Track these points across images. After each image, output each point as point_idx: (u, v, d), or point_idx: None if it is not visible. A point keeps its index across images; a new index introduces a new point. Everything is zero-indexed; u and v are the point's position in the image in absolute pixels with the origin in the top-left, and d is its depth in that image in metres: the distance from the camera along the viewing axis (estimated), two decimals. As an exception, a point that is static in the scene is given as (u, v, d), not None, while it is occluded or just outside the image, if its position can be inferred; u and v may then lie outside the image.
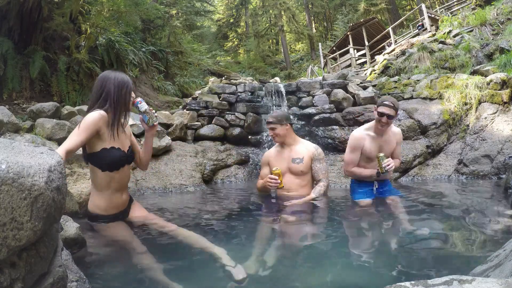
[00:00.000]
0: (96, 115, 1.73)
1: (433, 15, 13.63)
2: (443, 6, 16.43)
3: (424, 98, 5.56)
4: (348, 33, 17.24)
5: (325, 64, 17.62)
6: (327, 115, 5.57)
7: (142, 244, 1.70)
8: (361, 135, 2.76)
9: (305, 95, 6.04)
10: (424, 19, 13.00)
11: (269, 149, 3.08)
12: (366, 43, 15.37)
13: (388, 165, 2.55)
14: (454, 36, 9.66)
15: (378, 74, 10.11)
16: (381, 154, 2.58)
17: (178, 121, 5.24)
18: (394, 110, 2.61)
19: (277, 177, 2.49)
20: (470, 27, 9.92)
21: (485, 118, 4.81)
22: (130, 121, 4.38)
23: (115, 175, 1.83)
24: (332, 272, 1.37)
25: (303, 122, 5.76)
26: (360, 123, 4.86)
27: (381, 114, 2.62)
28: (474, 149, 4.46)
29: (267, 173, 2.76)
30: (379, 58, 12.12)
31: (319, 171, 2.74)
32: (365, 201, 2.74)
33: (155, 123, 1.99)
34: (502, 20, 9.33)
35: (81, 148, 1.80)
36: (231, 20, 30.11)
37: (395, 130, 2.93)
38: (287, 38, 28.48)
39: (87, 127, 1.70)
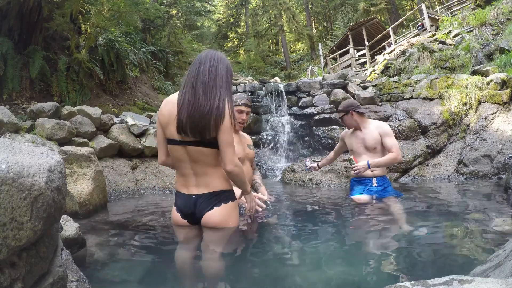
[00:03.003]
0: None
1: (433, 15, 13.63)
2: (443, 6, 16.44)
3: (424, 98, 5.56)
4: (348, 33, 17.25)
5: (325, 64, 17.63)
6: (327, 115, 5.58)
7: None
8: (344, 131, 3.32)
9: (305, 95, 6.04)
10: (424, 19, 13.01)
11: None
12: (366, 43, 15.38)
13: (355, 169, 2.91)
14: (454, 36, 9.67)
15: (378, 74, 10.12)
16: (350, 157, 3.00)
17: (178, 121, 5.23)
18: (339, 112, 3.14)
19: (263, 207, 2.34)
20: (470, 27, 9.93)
21: (485, 118, 4.80)
22: (130, 121, 4.38)
23: None
24: (331, 272, 1.37)
25: (303, 122, 5.76)
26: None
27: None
28: (474, 149, 4.46)
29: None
30: (379, 58, 12.13)
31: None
32: (361, 197, 2.77)
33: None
34: (502, 20, 9.33)
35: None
36: (231, 20, 30.13)
37: (377, 123, 3.13)
38: (287, 38, 28.50)
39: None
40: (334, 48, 18.72)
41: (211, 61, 1.73)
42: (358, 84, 6.64)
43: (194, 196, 1.75)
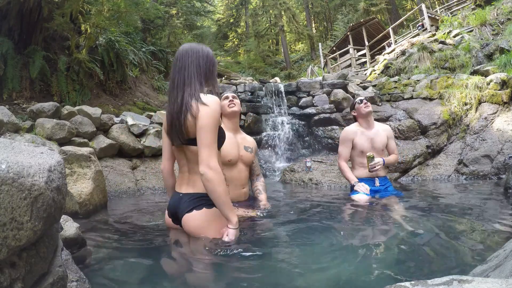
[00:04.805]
0: (218, 104, 1.63)
1: (433, 15, 13.63)
2: (443, 6, 16.44)
3: (424, 98, 5.57)
4: (348, 33, 17.25)
5: (325, 64, 17.64)
6: (327, 115, 5.58)
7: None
8: (351, 129, 3.07)
9: (305, 95, 6.05)
10: (424, 19, 13.01)
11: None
12: (366, 43, 15.38)
13: (373, 167, 2.84)
14: (454, 36, 9.68)
15: (378, 74, 10.12)
16: (371, 154, 2.86)
17: (178, 121, 5.23)
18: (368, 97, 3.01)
19: None
20: (470, 27, 9.93)
21: (485, 118, 4.81)
22: (130, 121, 4.38)
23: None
24: (331, 272, 1.37)
25: (303, 122, 5.76)
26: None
27: (360, 102, 3.02)
28: (474, 149, 4.46)
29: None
30: (379, 58, 12.14)
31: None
32: (362, 197, 2.77)
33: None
34: (502, 20, 9.34)
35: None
36: (231, 20, 30.15)
37: (383, 126, 3.19)
38: (287, 38, 28.50)
39: (218, 120, 1.61)
40: (334, 48, 18.73)
41: (179, 61, 1.71)
42: (358, 84, 6.65)
43: (180, 194, 1.74)
